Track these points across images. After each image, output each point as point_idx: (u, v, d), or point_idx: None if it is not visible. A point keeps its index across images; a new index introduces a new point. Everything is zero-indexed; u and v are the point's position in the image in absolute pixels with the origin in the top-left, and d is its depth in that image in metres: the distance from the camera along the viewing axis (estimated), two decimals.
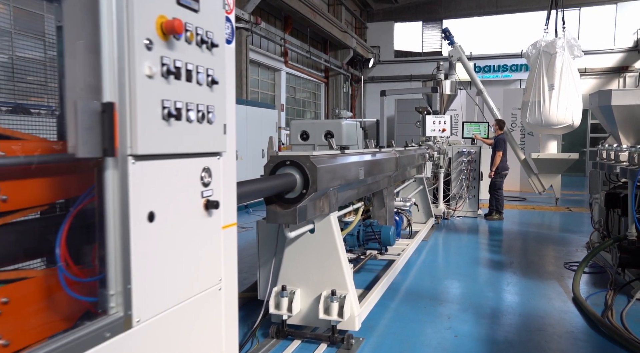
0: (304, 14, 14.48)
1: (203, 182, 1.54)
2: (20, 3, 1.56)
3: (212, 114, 1.53)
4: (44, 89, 1.51)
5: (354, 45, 18.44)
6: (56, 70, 1.46)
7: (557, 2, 10.43)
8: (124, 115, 1.20)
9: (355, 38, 18.54)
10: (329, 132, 10.02)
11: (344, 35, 17.55)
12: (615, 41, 19.82)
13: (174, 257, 1.42)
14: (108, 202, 1.22)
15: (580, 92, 10.10)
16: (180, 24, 1.31)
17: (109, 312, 1.23)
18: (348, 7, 19.02)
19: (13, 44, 1.54)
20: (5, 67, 1.51)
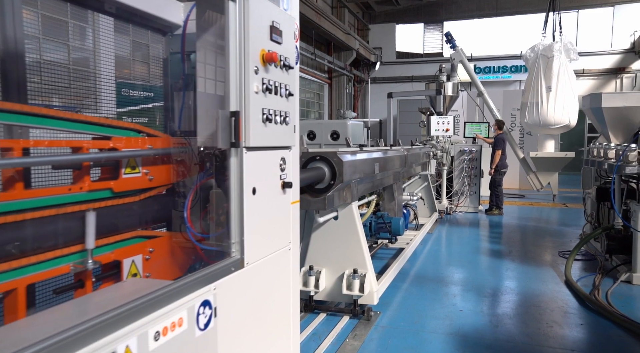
0: (309, 17, 15.04)
1: (281, 168, 2.11)
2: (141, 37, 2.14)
3: (288, 117, 2.10)
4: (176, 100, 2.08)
5: (356, 47, 19.02)
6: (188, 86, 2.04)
7: (555, 6, 11.02)
8: (242, 120, 1.77)
9: (358, 40, 19.12)
10: (335, 132, 10.61)
11: (347, 37, 18.12)
12: (613, 43, 20.43)
13: (266, 221, 2.00)
14: (232, 179, 1.78)
15: (576, 94, 10.69)
16: (275, 55, 1.88)
17: (231, 255, 1.80)
18: (351, 10, 19.61)
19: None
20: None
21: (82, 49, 1.87)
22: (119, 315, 1.22)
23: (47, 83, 1.66)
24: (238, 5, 1.75)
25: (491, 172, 9.39)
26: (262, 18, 1.85)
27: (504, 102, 14.53)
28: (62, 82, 1.74)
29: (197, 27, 1.94)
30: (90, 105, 1.80)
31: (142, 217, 1.92)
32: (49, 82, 1.68)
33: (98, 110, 1.85)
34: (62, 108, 1.71)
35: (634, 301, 4.62)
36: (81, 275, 1.64)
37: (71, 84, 1.76)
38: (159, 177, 1.89)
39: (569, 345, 3.63)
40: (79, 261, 1.59)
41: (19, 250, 1.44)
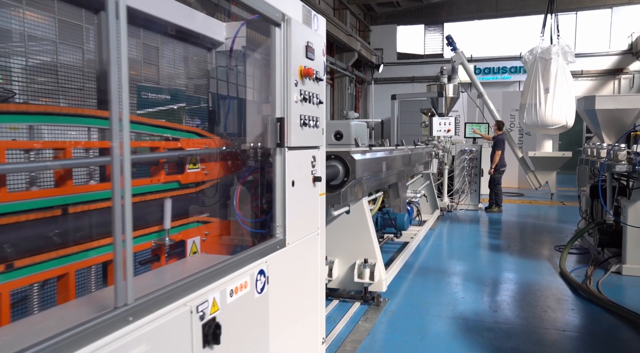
0: None
1: (312, 165, 2.50)
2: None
3: (318, 122, 2.49)
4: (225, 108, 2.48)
5: (358, 48, 19.42)
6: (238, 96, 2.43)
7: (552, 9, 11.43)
8: (286, 124, 2.16)
9: (359, 41, 19.52)
10: (338, 132, 10.98)
11: (349, 38, 18.52)
12: (611, 44, 20.86)
13: (301, 209, 2.39)
14: (276, 173, 2.18)
15: (573, 95, 11.09)
16: (311, 70, 2.27)
17: (276, 235, 2.19)
18: (352, 11, 20.01)
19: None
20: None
21: (155, 67, 2.26)
22: (208, 274, 1.62)
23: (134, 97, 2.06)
24: (282, 30, 2.15)
25: (491, 172, 9.80)
26: (299, 40, 2.25)
27: (503, 103, 14.94)
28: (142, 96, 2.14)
29: (246, 47, 2.33)
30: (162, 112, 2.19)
31: (199, 204, 2.32)
32: (136, 97, 2.08)
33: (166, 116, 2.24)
34: (143, 115, 2.10)
35: (623, 290, 5.02)
36: (158, 251, 2.03)
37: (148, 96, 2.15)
38: (212, 172, 2.29)
39: (561, 326, 4.04)
40: (159, 238, 1.98)
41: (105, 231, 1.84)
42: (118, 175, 1.25)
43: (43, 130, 1.60)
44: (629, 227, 5.33)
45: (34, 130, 1.57)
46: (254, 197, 2.39)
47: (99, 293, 1.60)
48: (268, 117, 2.13)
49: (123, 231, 1.27)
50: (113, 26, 1.22)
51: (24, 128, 1.53)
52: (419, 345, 3.68)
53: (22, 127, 1.52)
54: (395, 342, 3.72)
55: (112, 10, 1.23)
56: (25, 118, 1.49)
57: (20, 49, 1.66)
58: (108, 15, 1.22)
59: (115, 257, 1.28)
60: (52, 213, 1.57)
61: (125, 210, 1.28)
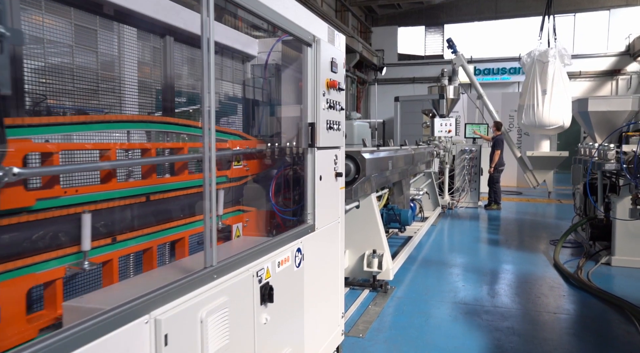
0: None
1: (335, 162, 2.94)
2: None
3: (339, 125, 2.92)
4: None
5: (360, 50, 19.85)
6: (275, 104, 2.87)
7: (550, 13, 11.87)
8: (316, 128, 2.59)
9: (361, 42, 19.95)
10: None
11: (351, 40, 18.93)
12: (609, 46, 21.32)
13: (326, 200, 2.82)
14: (308, 169, 2.61)
15: (570, 97, 11.54)
16: (336, 82, 2.71)
17: (307, 221, 2.62)
18: (354, 13, 20.44)
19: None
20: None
21: None
22: (262, 249, 2.05)
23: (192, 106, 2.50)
24: (313, 49, 2.58)
25: (491, 171, 10.26)
26: (326, 56, 2.69)
27: (502, 104, 15.39)
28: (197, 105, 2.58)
29: (282, 61, 2.77)
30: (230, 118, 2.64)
31: (241, 195, 2.76)
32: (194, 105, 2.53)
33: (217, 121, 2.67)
34: None
35: (611, 279, 5.47)
36: None
37: None
38: (252, 168, 2.72)
39: (552, 309, 4.49)
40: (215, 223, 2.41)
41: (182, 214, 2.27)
42: (207, 169, 1.69)
43: (134, 134, 2.04)
44: (617, 221, 5.78)
45: (131, 134, 2.01)
46: (286, 189, 2.83)
47: (186, 260, 2.04)
48: (300, 121, 2.57)
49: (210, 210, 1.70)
50: (206, 59, 1.66)
51: (123, 133, 1.97)
52: (423, 325, 4.12)
53: (122, 132, 1.96)
54: (403, 323, 4.16)
55: (205, 45, 1.66)
56: (127, 125, 1.92)
57: (115, 73, 2.10)
58: (202, 49, 1.66)
59: (205, 230, 1.72)
60: (139, 200, 2.01)
61: (212, 195, 1.72)
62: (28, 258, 1.46)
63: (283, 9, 2.24)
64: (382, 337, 3.86)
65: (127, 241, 1.89)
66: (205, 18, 1.67)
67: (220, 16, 2.77)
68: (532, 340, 3.80)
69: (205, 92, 1.67)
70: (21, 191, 1.45)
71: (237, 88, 2.99)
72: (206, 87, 1.66)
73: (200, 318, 1.58)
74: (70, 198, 1.64)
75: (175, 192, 2.17)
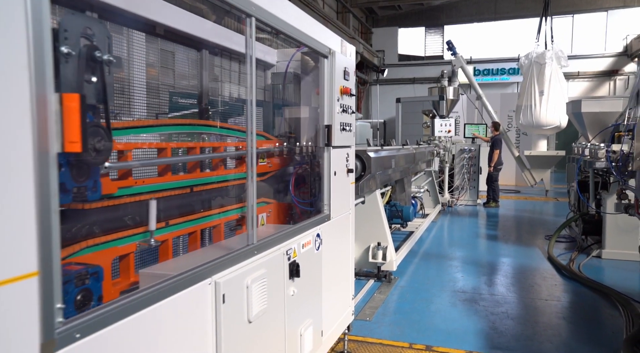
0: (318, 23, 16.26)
1: (346, 159, 3.32)
2: None
3: (350, 127, 3.31)
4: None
5: (361, 50, 20.22)
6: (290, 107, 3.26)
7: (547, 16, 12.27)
8: (332, 129, 2.98)
9: (362, 43, 20.33)
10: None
11: (352, 41, 19.32)
12: (606, 46, 21.72)
13: (339, 193, 3.21)
14: (324, 165, 2.99)
15: (566, 98, 11.94)
16: (348, 89, 3.09)
17: (324, 211, 3.00)
18: (355, 14, 20.84)
19: None
20: None
21: (238, 87, 3.08)
22: (290, 232, 2.44)
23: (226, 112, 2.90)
24: (329, 61, 2.97)
25: (490, 170, 10.66)
26: (340, 66, 3.07)
27: (501, 104, 15.79)
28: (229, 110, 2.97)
29: (301, 71, 3.16)
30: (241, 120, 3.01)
31: (265, 189, 3.14)
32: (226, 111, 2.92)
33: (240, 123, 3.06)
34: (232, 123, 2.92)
35: (601, 270, 5.86)
36: (241, 221, 2.84)
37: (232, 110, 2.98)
38: (274, 165, 3.11)
39: (544, 297, 4.88)
40: (242, 212, 2.78)
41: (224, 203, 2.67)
42: (250, 165, 2.07)
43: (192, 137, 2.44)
44: (607, 216, 6.17)
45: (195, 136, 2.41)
46: (303, 184, 3.22)
47: (232, 240, 2.44)
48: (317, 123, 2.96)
49: None
50: (249, 74, 2.04)
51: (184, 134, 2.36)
52: (425, 310, 4.51)
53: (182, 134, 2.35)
54: (406, 308, 4.55)
55: (248, 62, 2.05)
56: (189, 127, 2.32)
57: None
58: (247, 64, 2.04)
59: (248, 214, 2.10)
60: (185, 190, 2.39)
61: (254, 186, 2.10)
62: (113, 234, 1.85)
63: (307, 27, 2.63)
64: (387, 320, 4.25)
65: (177, 225, 2.28)
66: (249, 39, 2.06)
67: None
68: (524, 323, 4.19)
69: (248, 100, 2.06)
70: (108, 181, 1.83)
71: (259, 93, 3.37)
72: (249, 95, 2.05)
73: (247, 285, 1.97)
74: (140, 187, 2.02)
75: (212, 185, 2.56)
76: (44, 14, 1.10)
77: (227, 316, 1.83)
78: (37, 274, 1.10)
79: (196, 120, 2.62)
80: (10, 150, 1.03)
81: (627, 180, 4.75)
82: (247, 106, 2.08)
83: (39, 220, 1.10)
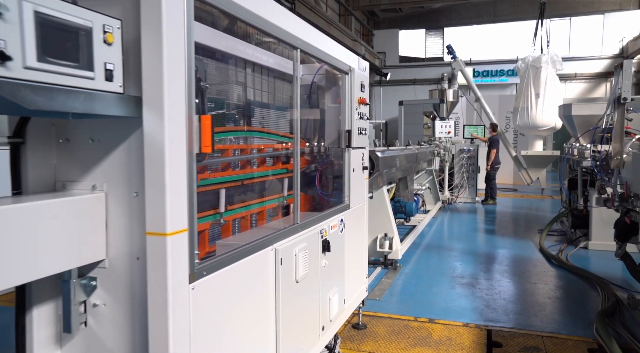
0: (321, 26, 16.92)
1: (362, 159, 3.98)
2: None
3: (365, 131, 3.96)
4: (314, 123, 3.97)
5: (362, 52, 20.88)
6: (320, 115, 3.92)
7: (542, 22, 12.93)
8: (352, 133, 3.63)
9: (363, 45, 20.99)
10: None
11: (354, 43, 19.98)
12: (603, 48, 22.41)
13: (357, 187, 3.86)
14: (345, 163, 3.65)
15: (561, 100, 12.61)
16: (364, 100, 3.75)
17: (345, 201, 3.66)
18: (357, 17, 21.50)
19: None
20: None
21: (278, 98, 3.74)
22: (322, 216, 3.10)
23: None
24: (349, 76, 3.63)
25: (488, 168, 11.34)
26: (357, 81, 3.73)
27: (499, 106, 16.46)
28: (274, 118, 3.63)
29: (325, 85, 3.81)
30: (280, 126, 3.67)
31: None
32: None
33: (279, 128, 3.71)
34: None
35: (587, 259, 6.53)
36: (278, 208, 3.49)
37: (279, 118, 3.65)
38: (302, 162, 3.76)
39: (534, 281, 5.54)
40: (279, 201, 3.43)
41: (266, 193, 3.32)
42: (297, 161, 2.73)
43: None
44: (594, 211, 6.84)
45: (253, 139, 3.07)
46: (325, 179, 3.88)
47: (281, 220, 3.10)
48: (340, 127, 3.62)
49: None
50: (296, 93, 2.70)
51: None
52: (427, 292, 5.17)
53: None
54: (410, 290, 5.21)
55: (295, 83, 2.71)
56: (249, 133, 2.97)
57: None
58: (294, 84, 2.70)
59: (294, 199, 2.76)
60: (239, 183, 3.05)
61: (298, 177, 2.76)
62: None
63: (334, 51, 3.29)
64: (394, 299, 4.92)
65: (234, 210, 2.94)
66: (296, 63, 2.72)
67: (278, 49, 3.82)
68: (514, 302, 4.86)
69: (296, 113, 2.72)
70: None
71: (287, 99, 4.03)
72: (296, 106, 2.71)
73: (295, 253, 2.62)
74: (210, 179, 2.68)
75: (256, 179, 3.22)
76: (191, 65, 1.75)
77: (283, 274, 2.49)
78: (186, 230, 1.76)
79: (260, 128, 3.29)
80: (178, 151, 1.69)
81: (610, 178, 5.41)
82: (295, 117, 2.74)
83: (189, 196, 1.75)
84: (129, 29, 1.66)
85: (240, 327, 2.17)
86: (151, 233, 1.68)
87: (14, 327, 1.85)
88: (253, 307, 2.27)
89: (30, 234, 1.55)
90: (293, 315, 2.63)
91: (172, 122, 1.66)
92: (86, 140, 1.85)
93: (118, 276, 1.84)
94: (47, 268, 1.63)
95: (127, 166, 1.79)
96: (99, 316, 1.88)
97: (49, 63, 1.36)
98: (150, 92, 1.64)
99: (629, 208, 4.34)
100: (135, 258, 1.80)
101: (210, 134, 1.82)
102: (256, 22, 2.25)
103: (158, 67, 1.63)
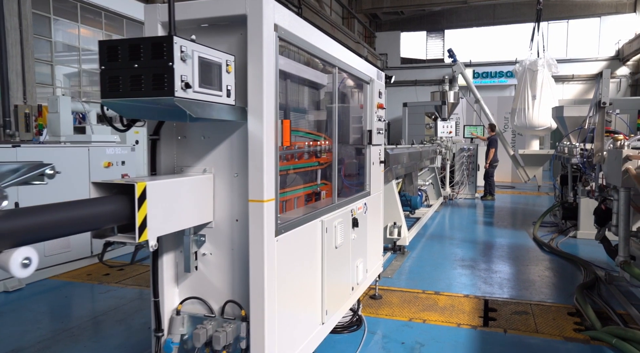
0: (325, 29, 17.75)
1: (379, 154, 4.78)
2: None
3: (382, 131, 4.77)
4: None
5: (365, 54, 21.72)
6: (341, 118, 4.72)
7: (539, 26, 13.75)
8: (372, 133, 4.43)
9: (366, 47, 21.83)
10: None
11: (357, 45, 20.81)
12: (600, 51, 23.28)
13: (375, 178, 4.67)
14: (367, 157, 4.45)
15: (556, 101, 13.45)
16: (382, 105, 4.55)
17: (366, 189, 4.46)
18: (360, 20, 22.33)
19: None
20: None
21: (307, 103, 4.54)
22: (350, 199, 3.91)
23: None
24: (370, 86, 4.44)
25: (486, 166, 12.17)
26: (376, 89, 4.54)
27: (498, 107, 17.30)
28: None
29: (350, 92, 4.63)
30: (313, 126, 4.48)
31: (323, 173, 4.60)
32: None
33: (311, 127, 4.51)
34: None
35: (575, 247, 7.35)
36: (312, 195, 4.28)
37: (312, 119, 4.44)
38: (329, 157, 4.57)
39: (526, 263, 6.37)
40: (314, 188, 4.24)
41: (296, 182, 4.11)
42: (335, 155, 3.54)
43: None
44: (582, 203, 7.66)
45: None
46: (349, 171, 4.68)
47: (323, 201, 3.90)
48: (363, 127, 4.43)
49: None
50: (335, 103, 3.50)
51: None
52: (432, 271, 5.98)
53: None
54: (418, 270, 6.03)
55: (335, 95, 3.51)
56: None
57: None
58: (334, 98, 3.50)
59: (333, 184, 3.57)
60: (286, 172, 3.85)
61: (336, 168, 3.57)
62: None
63: (359, 65, 4.10)
64: (404, 277, 5.73)
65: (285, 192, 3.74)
66: (335, 78, 3.53)
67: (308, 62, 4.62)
68: (508, 279, 5.68)
69: (334, 116, 3.53)
70: None
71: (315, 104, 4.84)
72: (334, 113, 3.52)
73: (335, 225, 3.43)
74: None
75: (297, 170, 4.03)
76: (277, 85, 2.56)
77: (327, 241, 3.30)
78: (274, 200, 2.56)
79: (305, 129, 4.09)
80: (270, 144, 2.50)
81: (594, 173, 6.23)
82: (333, 120, 3.55)
83: (275, 175, 2.56)
84: (237, 60, 2.47)
85: (302, 274, 2.98)
86: (252, 200, 2.49)
87: (150, 270, 2.66)
88: (308, 263, 3.08)
89: (176, 200, 2.36)
90: (333, 272, 3.44)
91: (267, 125, 2.47)
92: (199, 137, 2.65)
93: (221, 233, 2.65)
94: (184, 223, 2.44)
95: (230, 155, 2.59)
96: (207, 262, 2.69)
97: (204, 87, 2.17)
98: (254, 104, 2.45)
99: (605, 197, 5.16)
100: (235, 220, 2.61)
101: (289, 133, 2.63)
102: (312, 50, 3.06)
103: (259, 86, 2.43)
